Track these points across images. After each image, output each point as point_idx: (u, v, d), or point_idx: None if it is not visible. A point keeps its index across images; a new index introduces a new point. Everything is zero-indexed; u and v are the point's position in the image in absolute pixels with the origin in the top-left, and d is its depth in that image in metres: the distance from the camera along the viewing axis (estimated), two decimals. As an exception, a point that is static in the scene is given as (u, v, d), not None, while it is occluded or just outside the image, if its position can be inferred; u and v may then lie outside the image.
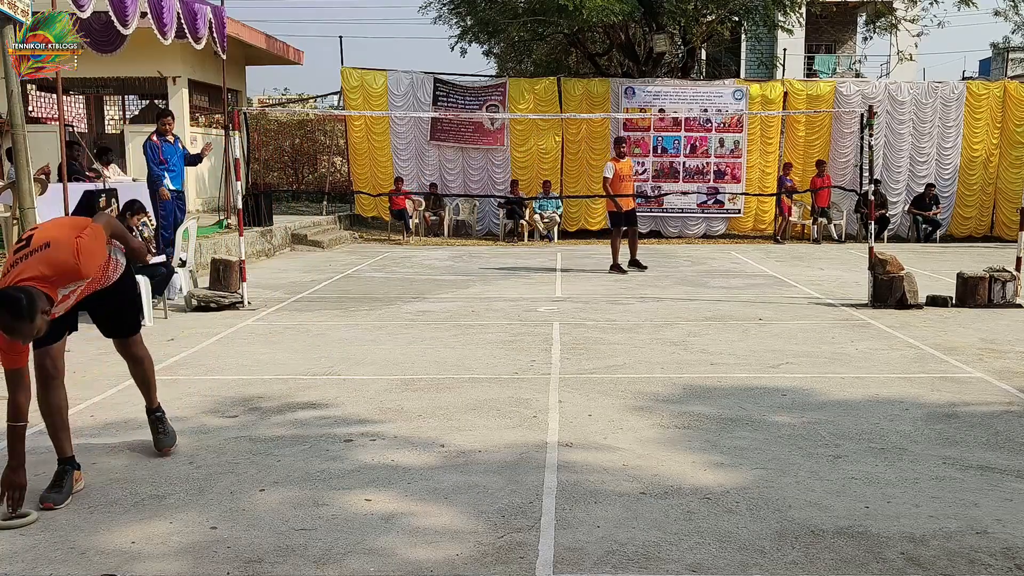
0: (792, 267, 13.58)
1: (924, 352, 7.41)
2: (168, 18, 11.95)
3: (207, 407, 5.83)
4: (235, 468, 4.64)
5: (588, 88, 18.64)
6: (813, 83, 19.66)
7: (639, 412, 5.65)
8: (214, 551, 3.66)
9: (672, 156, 18.67)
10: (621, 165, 12.76)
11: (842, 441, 5.05)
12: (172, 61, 17.88)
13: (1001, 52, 37.31)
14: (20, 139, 10.05)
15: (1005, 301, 9.57)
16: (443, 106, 18.48)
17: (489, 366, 6.97)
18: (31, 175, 10.37)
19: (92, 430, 5.35)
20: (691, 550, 3.64)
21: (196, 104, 19.68)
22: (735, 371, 6.77)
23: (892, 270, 9.62)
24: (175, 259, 10.05)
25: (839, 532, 3.81)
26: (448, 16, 22.39)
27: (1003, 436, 5.14)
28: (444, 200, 18.79)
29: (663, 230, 18.84)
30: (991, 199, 18.82)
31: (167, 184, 10.50)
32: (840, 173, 18.56)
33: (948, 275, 11.18)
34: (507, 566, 3.52)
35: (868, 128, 11.01)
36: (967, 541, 3.72)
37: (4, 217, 10.91)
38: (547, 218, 18.18)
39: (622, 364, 7.02)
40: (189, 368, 7.00)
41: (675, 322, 8.83)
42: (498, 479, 4.46)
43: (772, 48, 28.03)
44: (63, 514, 4.06)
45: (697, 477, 4.48)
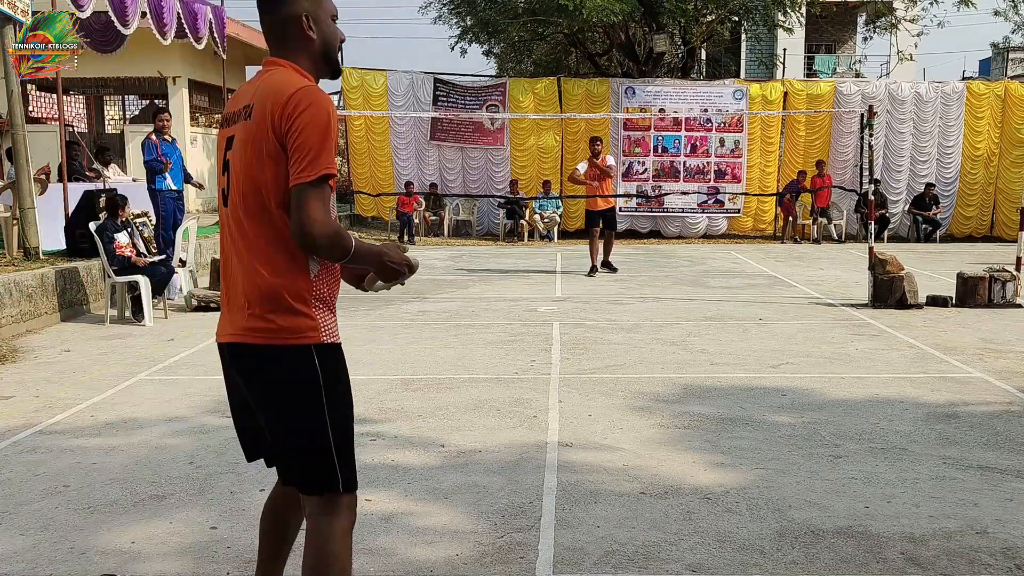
0: (792, 267, 13.58)
1: (924, 352, 7.41)
2: (168, 18, 11.95)
3: (207, 407, 5.83)
4: (235, 468, 4.63)
5: (588, 88, 18.64)
6: (813, 83, 19.66)
7: (639, 412, 5.65)
8: (214, 551, 3.66)
9: (672, 156, 18.67)
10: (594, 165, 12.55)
11: (842, 441, 5.05)
12: (172, 61, 17.89)
13: (1001, 52, 37.30)
14: (20, 139, 10.06)
15: (1005, 301, 9.57)
16: (443, 106, 18.48)
17: (489, 366, 6.97)
18: (31, 175, 10.38)
19: (92, 430, 5.35)
20: (691, 550, 3.64)
21: (196, 104, 19.69)
22: (735, 371, 6.77)
23: (892, 270, 9.62)
24: (175, 259, 10.05)
25: (839, 532, 3.81)
26: (448, 16, 22.41)
27: (1003, 436, 5.14)
28: (444, 200, 18.78)
29: (663, 230, 18.84)
30: (992, 199, 18.83)
31: (167, 184, 10.48)
32: (840, 173, 18.56)
33: (948, 275, 11.18)
34: (507, 566, 3.52)
35: (868, 128, 11.00)
36: (967, 541, 3.72)
37: (4, 217, 10.91)
38: (547, 218, 18.18)
39: (622, 364, 7.02)
40: (189, 368, 7.00)
41: (675, 322, 8.82)
42: (498, 479, 4.46)
43: (772, 48, 28.04)
44: (63, 514, 4.06)
45: (697, 477, 4.48)
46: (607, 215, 12.59)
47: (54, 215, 10.80)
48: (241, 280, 2.54)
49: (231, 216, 2.55)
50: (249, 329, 2.52)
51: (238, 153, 2.50)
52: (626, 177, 18.42)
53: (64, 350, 7.69)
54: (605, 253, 12.81)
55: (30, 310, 8.57)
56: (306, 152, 2.37)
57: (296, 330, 2.49)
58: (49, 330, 8.61)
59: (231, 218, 2.55)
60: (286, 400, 2.50)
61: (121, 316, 9.06)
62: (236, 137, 2.52)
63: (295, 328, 2.49)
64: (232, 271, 2.59)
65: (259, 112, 2.44)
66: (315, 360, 2.50)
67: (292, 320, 2.49)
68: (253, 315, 2.51)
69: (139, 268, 9.02)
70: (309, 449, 2.51)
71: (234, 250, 2.57)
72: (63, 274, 9.19)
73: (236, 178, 2.51)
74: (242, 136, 2.49)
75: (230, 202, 2.55)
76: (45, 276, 8.90)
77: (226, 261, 2.63)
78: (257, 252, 2.49)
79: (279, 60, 2.57)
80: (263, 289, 2.49)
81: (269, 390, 2.53)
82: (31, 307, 8.59)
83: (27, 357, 7.40)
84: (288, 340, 2.48)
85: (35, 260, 9.75)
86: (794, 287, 11.34)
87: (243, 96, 2.58)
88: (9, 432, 5.28)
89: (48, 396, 6.13)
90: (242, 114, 2.52)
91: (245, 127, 2.48)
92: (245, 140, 2.47)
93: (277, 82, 2.48)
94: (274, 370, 2.51)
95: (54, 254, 10.31)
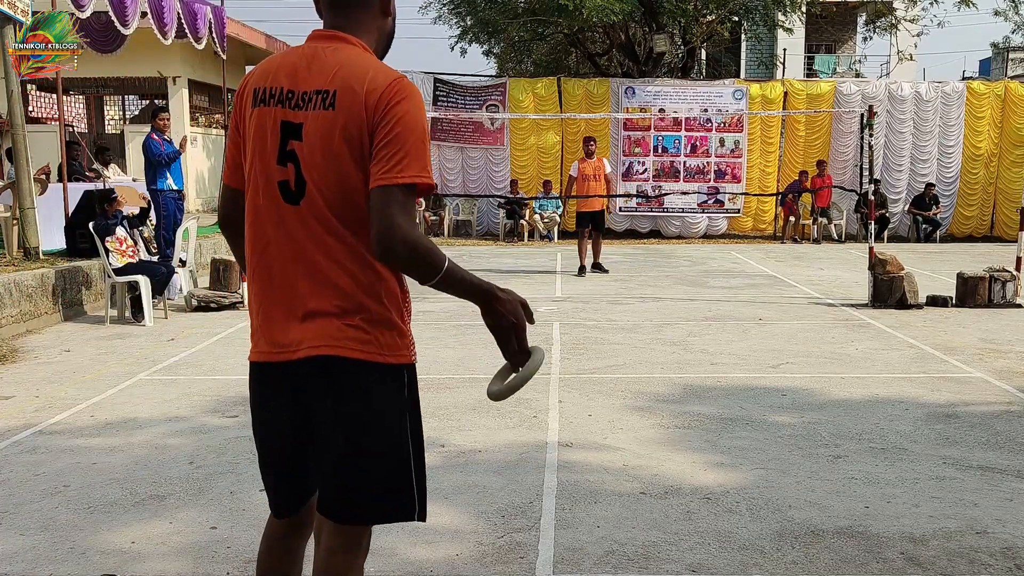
0: (792, 267, 13.58)
1: (924, 352, 7.41)
2: (168, 18, 11.95)
3: (207, 407, 5.83)
4: (235, 468, 4.64)
5: (588, 88, 18.63)
6: (813, 83, 19.65)
7: (639, 412, 5.65)
8: (214, 551, 3.66)
9: (672, 156, 18.66)
10: (586, 165, 12.48)
11: (842, 441, 5.05)
12: (172, 61, 17.90)
13: (1001, 52, 37.31)
14: (20, 139, 10.07)
15: (1005, 301, 9.57)
16: (443, 106, 18.48)
17: (489, 366, 6.96)
18: (31, 175, 10.38)
19: (92, 430, 5.35)
20: (691, 550, 3.64)
21: (196, 104, 19.69)
22: (735, 371, 6.77)
23: (892, 270, 9.62)
24: (175, 259, 10.05)
25: (839, 532, 3.81)
26: (448, 16, 22.43)
27: (1003, 436, 5.14)
28: (444, 200, 18.78)
29: (663, 230, 18.83)
30: (992, 199, 18.82)
31: (169, 183, 10.49)
32: (840, 173, 18.56)
33: (948, 275, 11.18)
34: (507, 566, 3.52)
35: (868, 128, 11.01)
36: (967, 541, 3.72)
37: (4, 217, 10.91)
38: (547, 218, 18.18)
39: (622, 364, 7.02)
40: (189, 368, 7.00)
41: (675, 322, 8.82)
42: (498, 479, 4.46)
43: (772, 48, 28.04)
44: (63, 514, 4.06)
45: (697, 477, 4.48)
46: (596, 218, 12.59)
47: (54, 215, 10.81)
48: (315, 286, 2.19)
49: (303, 214, 2.18)
50: (334, 339, 2.17)
51: (317, 146, 2.14)
52: (626, 177, 18.41)
53: (64, 350, 7.69)
54: (594, 255, 12.81)
55: (30, 310, 8.57)
56: (398, 150, 2.08)
57: (392, 347, 2.21)
58: (49, 330, 8.61)
59: (303, 216, 2.18)
60: (371, 421, 2.21)
61: (121, 316, 9.06)
62: (310, 127, 2.15)
63: (391, 345, 2.21)
64: (290, 276, 2.21)
65: (347, 102, 2.12)
66: (406, 380, 2.25)
67: (388, 335, 2.20)
68: (344, 325, 2.17)
69: (138, 268, 9.02)
70: (388, 476, 2.24)
71: (302, 252, 2.19)
72: (63, 274, 9.19)
73: (315, 173, 2.15)
74: (323, 127, 2.14)
75: (305, 199, 2.17)
76: (45, 276, 8.90)
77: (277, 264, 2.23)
78: (352, 256, 2.17)
79: (345, 35, 2.22)
80: (358, 298, 2.17)
81: (350, 409, 2.20)
82: (31, 307, 8.59)
83: (27, 357, 7.40)
84: (385, 357, 2.20)
85: (35, 260, 9.76)
86: (794, 287, 11.34)
87: (303, 72, 2.19)
88: (9, 432, 5.29)
89: (48, 396, 6.13)
90: (315, 100, 2.15)
91: (327, 117, 2.13)
92: (329, 132, 2.13)
93: (362, 67, 2.15)
94: (361, 386, 2.19)
95: (54, 254, 10.31)
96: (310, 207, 2.17)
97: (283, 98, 2.19)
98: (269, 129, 2.20)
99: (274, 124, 2.20)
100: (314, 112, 2.15)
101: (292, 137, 2.17)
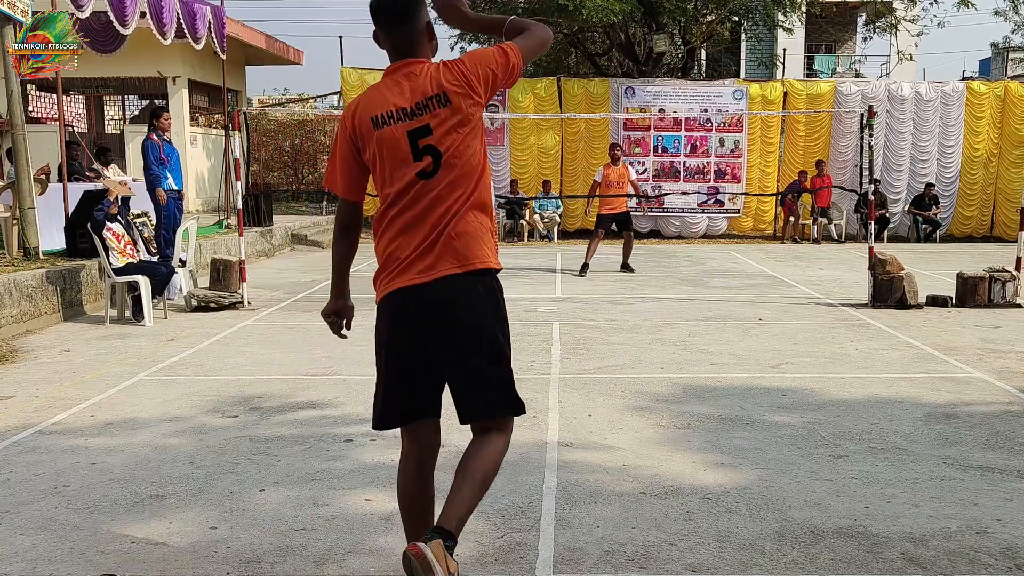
0: (792, 267, 13.58)
1: (924, 352, 7.41)
2: (168, 18, 11.95)
3: (207, 407, 5.83)
4: (235, 468, 4.64)
5: (588, 88, 18.64)
6: (813, 83, 19.66)
7: (639, 412, 5.65)
8: (214, 551, 3.66)
9: (672, 156, 18.67)
10: (611, 171, 12.57)
11: (842, 441, 5.05)
12: (172, 61, 17.90)
13: (1001, 52, 37.27)
14: (20, 139, 10.07)
15: (1005, 301, 9.57)
16: (443, 106, 18.45)
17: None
18: (31, 175, 10.38)
19: (92, 430, 5.35)
20: (691, 550, 3.64)
21: (196, 104, 19.69)
22: (735, 371, 6.77)
23: (892, 270, 9.62)
24: (175, 259, 10.05)
25: (839, 532, 3.81)
26: (448, 16, 22.37)
27: (1003, 436, 5.14)
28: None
29: (663, 230, 18.84)
30: (992, 199, 18.83)
31: (169, 184, 10.49)
32: (840, 173, 18.56)
33: (948, 275, 11.18)
34: (507, 566, 3.52)
35: (868, 128, 11.01)
36: (967, 541, 3.72)
37: (4, 217, 10.91)
38: (547, 218, 18.18)
39: (622, 364, 7.02)
40: (189, 368, 7.00)
41: (675, 322, 8.83)
42: (498, 479, 4.43)
43: (772, 48, 28.03)
44: (63, 514, 4.06)
45: (697, 477, 4.48)
46: (622, 219, 12.74)
47: (54, 215, 10.81)
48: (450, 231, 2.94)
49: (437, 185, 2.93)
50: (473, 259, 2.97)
51: (448, 135, 2.92)
52: (626, 177, 18.41)
53: (64, 350, 7.69)
54: (624, 255, 13.00)
55: (30, 310, 8.57)
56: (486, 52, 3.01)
57: (495, 261, 3.07)
58: (49, 330, 8.61)
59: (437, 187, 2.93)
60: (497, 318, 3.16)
61: (121, 316, 9.06)
62: (436, 124, 2.91)
63: (495, 260, 3.07)
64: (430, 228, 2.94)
65: (451, 94, 2.92)
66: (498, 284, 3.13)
67: (495, 254, 3.08)
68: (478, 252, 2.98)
69: (138, 268, 9.02)
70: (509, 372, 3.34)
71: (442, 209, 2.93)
72: (63, 274, 9.20)
73: (450, 154, 2.92)
74: (447, 121, 2.92)
75: (438, 176, 2.93)
76: (45, 276, 8.90)
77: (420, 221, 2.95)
78: (476, 206, 2.99)
79: (421, 60, 3.02)
80: (481, 232, 2.99)
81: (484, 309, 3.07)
82: (31, 307, 8.59)
83: (27, 357, 7.40)
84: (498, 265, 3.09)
85: (35, 260, 9.76)
86: (794, 287, 11.34)
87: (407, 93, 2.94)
88: (9, 432, 5.29)
89: (48, 396, 6.13)
90: (431, 104, 2.92)
91: (446, 112, 2.92)
92: (452, 123, 2.92)
93: (436, 69, 2.98)
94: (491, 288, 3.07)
95: (54, 254, 10.31)
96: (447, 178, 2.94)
97: (402, 116, 2.94)
98: (400, 139, 2.94)
99: (402, 134, 2.93)
100: (431, 114, 2.92)
101: (420, 137, 2.92)
